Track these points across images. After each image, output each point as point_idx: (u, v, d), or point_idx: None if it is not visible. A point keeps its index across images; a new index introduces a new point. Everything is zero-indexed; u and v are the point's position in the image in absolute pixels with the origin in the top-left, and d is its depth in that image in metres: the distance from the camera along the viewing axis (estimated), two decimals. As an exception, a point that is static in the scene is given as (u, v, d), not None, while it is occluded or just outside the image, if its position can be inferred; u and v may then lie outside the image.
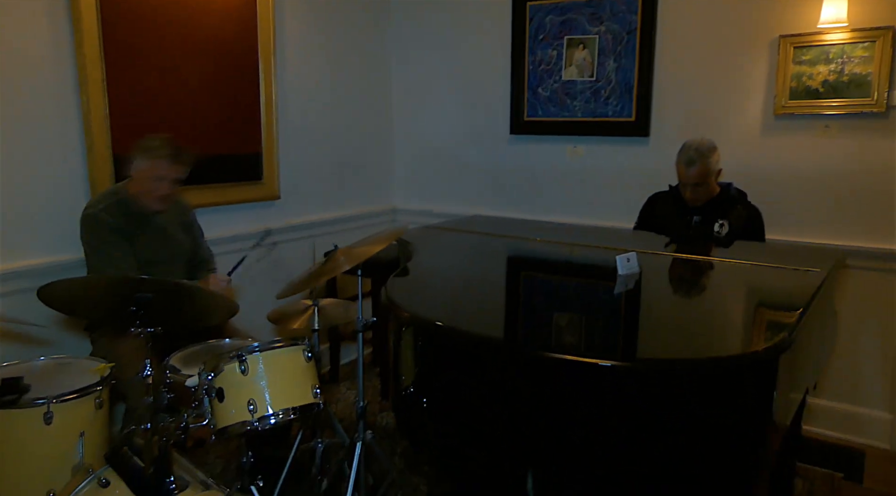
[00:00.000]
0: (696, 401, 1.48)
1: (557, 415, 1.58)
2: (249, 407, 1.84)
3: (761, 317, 1.92)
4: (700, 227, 2.87)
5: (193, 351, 2.30)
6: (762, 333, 1.79)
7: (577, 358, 1.51)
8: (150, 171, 2.39)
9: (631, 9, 3.41)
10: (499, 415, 1.65)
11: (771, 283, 2.20)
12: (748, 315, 1.95)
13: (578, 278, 2.52)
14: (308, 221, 3.72)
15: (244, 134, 3.33)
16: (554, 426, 1.56)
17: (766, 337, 1.72)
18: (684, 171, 2.81)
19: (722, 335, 1.77)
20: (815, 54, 3.03)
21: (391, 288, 2.02)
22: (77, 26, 2.57)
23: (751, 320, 1.90)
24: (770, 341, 1.55)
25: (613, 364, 1.48)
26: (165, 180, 2.42)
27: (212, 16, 3.09)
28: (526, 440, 1.60)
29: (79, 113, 2.64)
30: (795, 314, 1.72)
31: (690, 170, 2.78)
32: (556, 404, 1.56)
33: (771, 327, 1.83)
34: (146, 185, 2.41)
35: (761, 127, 3.22)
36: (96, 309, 1.84)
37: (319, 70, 3.72)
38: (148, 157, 2.38)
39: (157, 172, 2.39)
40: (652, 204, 3.10)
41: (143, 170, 2.39)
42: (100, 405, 2.00)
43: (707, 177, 2.79)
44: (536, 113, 3.78)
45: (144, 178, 2.40)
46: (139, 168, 2.40)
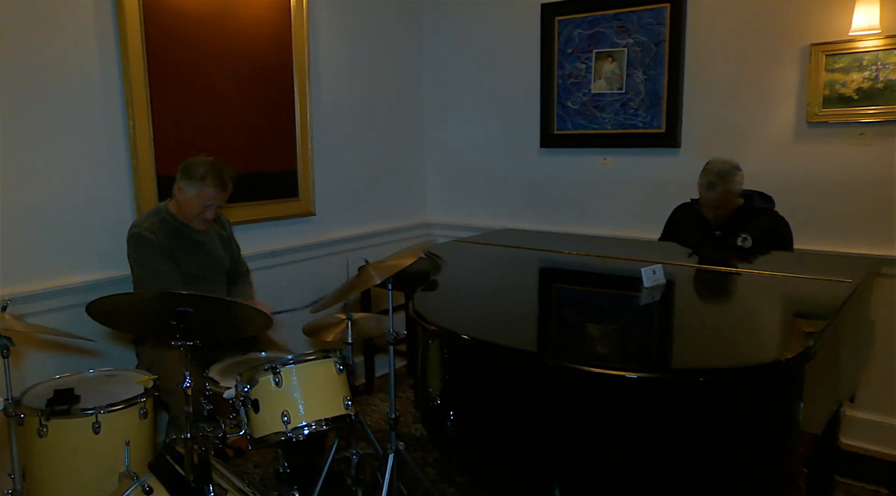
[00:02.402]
0: (723, 409, 1.49)
1: (584, 426, 1.59)
2: (283, 418, 1.91)
3: (787, 328, 1.91)
4: (722, 241, 2.85)
5: (232, 363, 2.39)
6: (788, 343, 1.78)
7: (606, 371, 1.53)
8: (198, 198, 2.51)
9: (659, 20, 3.42)
10: (526, 426, 1.66)
11: (798, 294, 2.18)
12: (773, 325, 1.94)
13: (606, 289, 2.53)
14: (342, 237, 3.81)
15: (280, 152, 3.45)
16: (581, 436, 1.58)
17: (791, 347, 1.71)
18: (705, 194, 2.80)
19: (747, 345, 1.76)
20: (849, 61, 2.99)
21: (418, 300, 2.07)
22: (123, 49, 2.71)
23: (776, 331, 1.89)
24: (794, 351, 1.55)
25: (640, 375, 1.50)
26: (212, 206, 2.55)
27: (247, 37, 3.21)
28: (553, 451, 1.62)
29: (126, 134, 2.78)
30: (821, 324, 1.71)
31: (711, 193, 2.77)
32: (583, 415, 1.58)
33: (797, 337, 1.82)
34: (193, 209, 2.53)
35: (793, 135, 3.18)
36: (140, 323, 1.94)
37: (352, 86, 3.83)
38: (196, 185, 2.49)
39: (204, 200, 2.51)
40: (676, 216, 3.10)
41: (192, 196, 2.51)
42: (144, 415, 2.11)
43: (730, 197, 2.78)
44: (566, 126, 3.81)
45: (192, 203, 2.52)
46: (186, 193, 2.51)
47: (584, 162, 3.80)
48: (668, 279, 2.19)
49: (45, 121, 2.54)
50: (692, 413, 1.49)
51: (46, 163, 2.55)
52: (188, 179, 2.51)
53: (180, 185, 2.53)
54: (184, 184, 2.52)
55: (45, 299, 2.55)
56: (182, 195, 2.53)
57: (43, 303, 2.54)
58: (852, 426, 3.07)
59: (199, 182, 2.49)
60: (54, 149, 2.58)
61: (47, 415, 1.92)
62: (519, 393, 1.69)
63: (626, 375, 1.50)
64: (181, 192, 2.53)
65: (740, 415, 1.48)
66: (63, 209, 2.62)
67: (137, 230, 2.50)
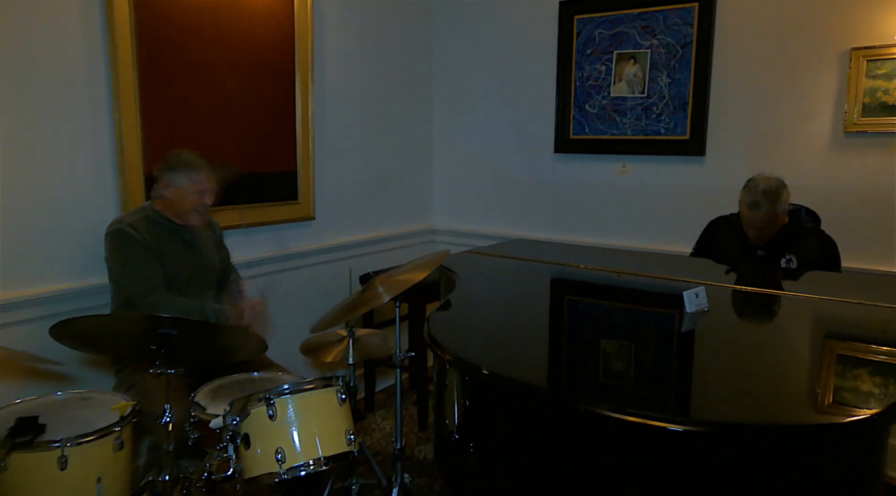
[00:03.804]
0: (790, 468, 1.27)
1: (616, 473, 1.39)
2: (277, 455, 1.68)
3: (861, 371, 1.67)
4: (765, 262, 2.64)
5: (221, 385, 2.16)
6: (866, 392, 1.54)
7: (640, 420, 1.32)
8: (192, 186, 2.32)
9: (686, 21, 3.20)
10: (549, 465, 1.48)
11: (862, 324, 1.95)
12: (844, 367, 1.71)
13: (636, 313, 2.31)
14: (344, 242, 3.58)
15: (279, 152, 3.22)
16: (612, 484, 1.38)
17: (872, 397, 1.47)
18: (748, 214, 2.57)
19: (811, 395, 1.53)
20: (892, 68, 2.78)
21: (434, 325, 1.85)
22: (111, 41, 2.48)
23: (850, 375, 1.65)
24: (880, 405, 1.33)
25: (686, 429, 1.29)
26: (207, 192, 2.36)
27: (247, 29, 2.99)
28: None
29: (111, 131, 2.55)
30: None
31: (755, 214, 2.54)
32: (615, 461, 1.38)
33: (876, 385, 1.58)
34: (188, 199, 2.33)
35: (829, 145, 2.97)
36: (114, 346, 1.71)
37: (358, 83, 3.60)
38: (186, 172, 2.31)
39: (199, 186, 2.33)
40: (713, 229, 2.87)
41: (184, 186, 2.31)
42: (120, 446, 1.87)
43: (774, 220, 2.56)
44: (583, 130, 3.59)
45: (186, 193, 2.32)
46: (178, 184, 2.31)
47: (601, 169, 3.58)
48: (710, 303, 1.97)
49: (20, 112, 2.30)
50: (746, 470, 1.28)
51: (20, 159, 2.31)
52: (174, 171, 2.31)
53: (167, 181, 2.32)
54: (171, 177, 2.31)
55: (16, 310, 2.31)
56: (171, 190, 2.32)
57: (14, 315, 2.30)
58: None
59: (187, 169, 2.30)
60: (29, 143, 2.33)
61: (7, 447, 1.67)
62: (540, 429, 1.50)
63: (669, 427, 1.29)
64: (169, 188, 2.32)
65: (821, 475, 1.26)
66: (39, 210, 2.38)
67: (119, 226, 2.26)
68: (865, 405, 1.39)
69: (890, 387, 1.49)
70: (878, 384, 1.55)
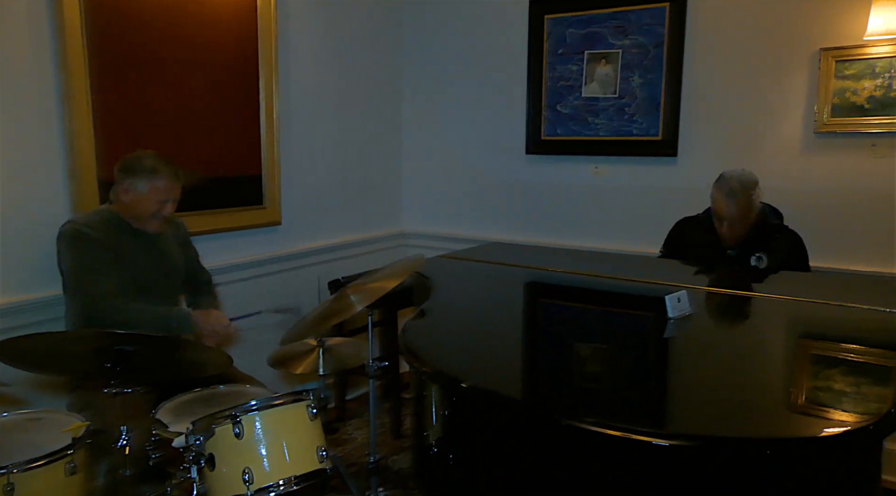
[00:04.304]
0: (782, 481, 1.23)
1: (601, 486, 1.34)
2: (244, 476, 1.58)
3: (855, 378, 1.63)
4: (736, 261, 2.62)
5: (185, 400, 2.03)
6: (861, 400, 1.48)
7: (624, 434, 1.26)
8: (152, 194, 2.17)
9: (658, 21, 3.18)
10: (531, 478, 1.42)
11: (850, 326, 1.92)
12: (834, 372, 1.67)
13: (616, 318, 2.26)
14: (313, 248, 3.47)
15: (244, 155, 3.10)
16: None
17: (866, 405, 1.42)
18: (724, 205, 2.55)
19: (804, 404, 1.48)
20: (861, 68, 2.80)
21: (409, 335, 1.77)
22: (61, 38, 2.34)
23: (843, 382, 1.61)
24: (877, 412, 1.29)
25: (672, 443, 1.23)
26: (169, 200, 2.22)
27: (208, 28, 2.86)
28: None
29: (62, 133, 2.40)
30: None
31: (730, 203, 2.52)
32: (600, 474, 1.33)
33: (872, 395, 1.53)
34: (148, 207, 2.19)
35: (801, 145, 2.98)
36: (65, 365, 1.59)
37: (325, 83, 3.50)
38: (148, 177, 2.16)
39: (160, 195, 2.18)
40: (681, 230, 2.85)
41: (144, 193, 2.17)
42: (72, 471, 1.73)
43: (748, 212, 2.54)
44: (555, 131, 3.54)
45: (146, 200, 2.18)
46: (138, 190, 2.17)
47: (574, 170, 3.54)
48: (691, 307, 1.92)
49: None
50: (747, 486, 1.23)
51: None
52: (134, 176, 2.16)
53: (126, 186, 2.18)
54: (130, 182, 2.17)
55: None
56: (130, 195, 2.18)
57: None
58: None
59: (149, 175, 2.16)
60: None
61: (-54, 476, 1.54)
62: (524, 444, 1.44)
63: (654, 442, 1.24)
64: (129, 193, 2.18)
65: (816, 487, 1.22)
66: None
67: (73, 225, 2.12)
68: (862, 413, 1.35)
69: (883, 392, 1.46)
70: (867, 389, 1.52)
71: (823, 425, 1.31)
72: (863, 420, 1.27)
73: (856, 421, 1.28)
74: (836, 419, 1.34)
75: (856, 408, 1.40)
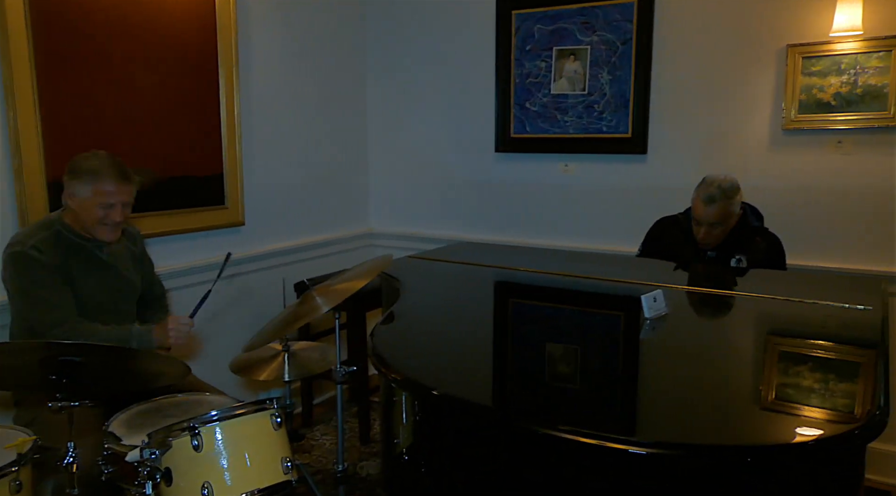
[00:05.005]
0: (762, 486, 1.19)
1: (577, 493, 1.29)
2: (203, 491, 1.49)
3: (832, 380, 1.60)
4: (715, 263, 2.61)
5: (139, 411, 1.93)
6: (841, 403, 1.44)
7: (599, 442, 1.21)
8: (96, 198, 1.99)
9: (626, 17, 3.16)
10: (506, 484, 1.36)
11: (823, 324, 1.90)
12: (812, 377, 1.63)
13: (590, 319, 2.22)
14: (277, 249, 3.37)
15: (204, 153, 2.98)
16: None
17: (848, 409, 1.38)
18: (702, 209, 2.53)
19: (782, 408, 1.43)
20: (827, 65, 2.81)
21: (378, 340, 1.70)
22: (2, 30, 2.21)
23: (820, 385, 1.58)
24: (861, 418, 1.26)
25: (650, 451, 1.19)
26: (116, 206, 2.02)
27: (165, 23, 2.74)
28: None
29: (5, 130, 2.27)
30: (873, 376, 1.43)
31: (709, 208, 2.51)
32: (576, 481, 1.28)
33: (848, 395, 1.50)
34: (93, 213, 2.00)
35: (769, 142, 2.99)
36: (7, 379, 1.47)
37: (288, 82, 3.39)
38: (90, 180, 1.98)
39: (104, 198, 1.99)
40: (659, 230, 2.83)
41: (87, 197, 1.99)
42: (18, 488, 1.62)
43: (727, 218, 2.54)
44: (524, 129, 3.50)
45: (89, 206, 2.00)
46: (80, 195, 1.99)
47: (543, 168, 3.51)
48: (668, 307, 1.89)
49: None
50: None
51: None
52: (77, 178, 1.98)
53: (70, 190, 2.00)
54: (74, 186, 1.99)
55: None
56: (76, 200, 2.00)
57: None
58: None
59: (91, 177, 1.97)
60: None
61: None
62: (497, 450, 1.38)
63: (630, 450, 1.20)
64: (74, 198, 2.01)
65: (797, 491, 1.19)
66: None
67: (20, 248, 1.95)
68: (845, 416, 1.32)
69: (864, 392, 1.44)
70: (846, 389, 1.50)
71: (805, 429, 1.27)
72: (848, 424, 1.24)
73: (840, 424, 1.25)
74: (820, 422, 1.31)
75: (839, 410, 1.37)
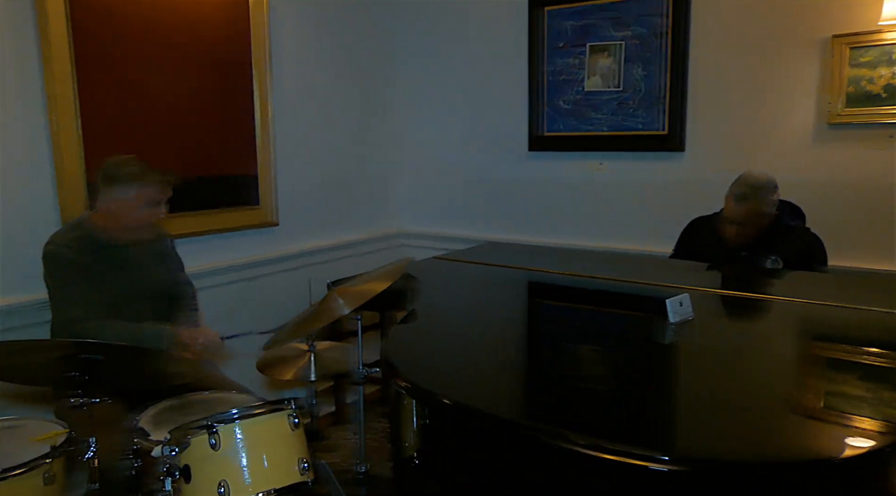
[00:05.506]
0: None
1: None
2: (220, 490, 1.52)
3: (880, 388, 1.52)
4: (749, 263, 2.51)
5: (166, 407, 1.97)
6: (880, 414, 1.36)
7: (620, 458, 1.17)
8: (141, 198, 2.11)
9: (659, 10, 3.08)
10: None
11: (865, 332, 1.80)
12: (859, 385, 1.53)
13: (616, 324, 2.15)
14: (308, 249, 3.40)
15: (238, 154, 3.04)
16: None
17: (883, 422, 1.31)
18: (733, 207, 2.45)
19: (821, 422, 1.36)
20: (876, 55, 2.67)
21: (391, 343, 1.69)
22: (44, 37, 2.30)
23: (868, 393, 1.48)
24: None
25: (671, 468, 1.14)
26: (159, 204, 2.16)
27: (200, 25, 2.81)
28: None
29: (47, 135, 2.36)
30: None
31: (740, 206, 2.43)
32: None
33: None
34: (138, 213, 2.12)
35: (812, 137, 2.86)
36: (29, 374, 1.53)
37: (319, 83, 3.43)
38: (133, 182, 2.09)
39: (149, 197, 2.12)
40: (692, 231, 2.74)
41: (131, 199, 2.10)
42: (50, 479, 1.68)
43: (758, 218, 2.45)
44: (556, 127, 3.45)
45: (134, 207, 2.11)
46: (123, 198, 2.10)
47: (576, 167, 3.44)
48: (698, 311, 1.81)
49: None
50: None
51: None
52: (120, 184, 2.09)
53: (111, 195, 2.10)
54: (116, 191, 2.09)
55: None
56: (119, 204, 2.10)
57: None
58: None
59: (135, 180, 2.09)
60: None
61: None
62: (510, 461, 1.34)
63: (648, 467, 1.14)
64: (115, 202, 2.10)
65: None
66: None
67: (52, 247, 2.07)
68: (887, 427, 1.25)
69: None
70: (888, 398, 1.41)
71: (846, 443, 1.20)
72: (887, 436, 1.16)
73: (882, 437, 1.18)
74: (860, 435, 1.23)
75: (880, 421, 1.30)
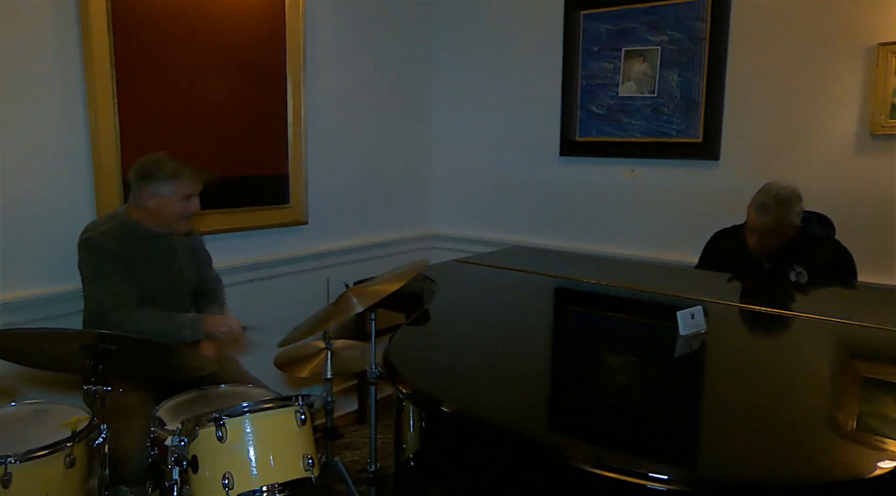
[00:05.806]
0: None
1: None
2: (224, 481, 1.56)
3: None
4: (772, 275, 2.44)
5: (185, 399, 2.03)
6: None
7: (631, 479, 1.14)
8: (179, 191, 2.20)
9: (698, 15, 3.01)
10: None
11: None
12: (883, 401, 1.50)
13: (634, 335, 2.10)
14: (338, 248, 3.45)
15: (270, 153, 3.11)
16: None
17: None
18: (754, 217, 2.40)
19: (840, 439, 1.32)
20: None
21: (394, 346, 1.69)
22: (86, 37, 2.39)
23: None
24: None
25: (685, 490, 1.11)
26: (194, 196, 2.25)
27: (235, 26, 2.88)
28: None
29: (87, 131, 2.46)
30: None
31: (762, 217, 2.37)
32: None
33: None
34: (175, 208, 2.22)
35: (854, 148, 2.75)
36: (49, 361, 1.60)
37: (352, 83, 3.47)
38: (171, 181, 2.19)
39: (185, 190, 2.22)
40: (716, 243, 2.68)
41: (169, 194, 2.20)
42: (71, 463, 1.75)
43: (781, 228, 2.39)
44: (590, 132, 3.41)
45: (172, 202, 2.21)
46: (163, 193, 2.19)
47: (608, 173, 3.40)
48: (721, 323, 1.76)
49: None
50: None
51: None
52: (157, 181, 2.18)
53: (149, 191, 2.19)
54: (153, 187, 2.18)
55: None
56: (155, 200, 2.19)
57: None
58: None
59: (173, 178, 2.18)
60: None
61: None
62: (512, 475, 1.33)
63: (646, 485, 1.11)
64: (153, 198, 2.19)
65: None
66: (11, 212, 2.30)
67: (91, 234, 2.15)
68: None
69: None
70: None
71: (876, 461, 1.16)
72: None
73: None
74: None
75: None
